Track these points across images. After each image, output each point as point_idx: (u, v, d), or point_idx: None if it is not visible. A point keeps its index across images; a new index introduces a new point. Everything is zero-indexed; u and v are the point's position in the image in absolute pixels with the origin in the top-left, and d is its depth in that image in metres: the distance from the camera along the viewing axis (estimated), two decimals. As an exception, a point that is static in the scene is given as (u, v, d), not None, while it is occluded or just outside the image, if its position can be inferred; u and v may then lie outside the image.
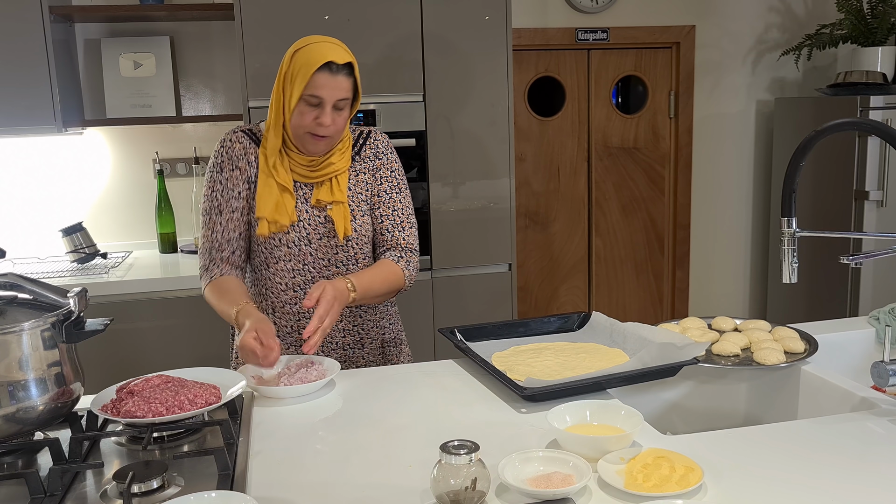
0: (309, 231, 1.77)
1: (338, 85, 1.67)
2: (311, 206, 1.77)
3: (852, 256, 1.47)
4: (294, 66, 1.67)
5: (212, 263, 1.76)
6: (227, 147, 1.78)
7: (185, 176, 3.33)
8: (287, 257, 1.77)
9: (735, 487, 1.09)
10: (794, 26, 4.00)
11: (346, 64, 1.68)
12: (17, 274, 1.33)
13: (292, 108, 1.68)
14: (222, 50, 3.29)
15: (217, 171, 1.78)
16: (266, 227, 1.73)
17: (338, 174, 1.77)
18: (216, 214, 1.76)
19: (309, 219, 1.76)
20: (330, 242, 1.78)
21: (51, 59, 2.82)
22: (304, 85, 1.65)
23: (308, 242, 1.77)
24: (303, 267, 1.78)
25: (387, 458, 1.22)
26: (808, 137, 1.45)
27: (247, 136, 1.79)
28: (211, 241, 1.76)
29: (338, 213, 1.76)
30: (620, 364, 1.50)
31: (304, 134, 1.70)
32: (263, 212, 1.72)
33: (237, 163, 1.77)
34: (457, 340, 1.68)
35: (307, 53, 1.66)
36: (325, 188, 1.76)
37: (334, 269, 1.80)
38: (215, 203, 1.77)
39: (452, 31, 2.87)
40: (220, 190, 1.77)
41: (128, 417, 1.28)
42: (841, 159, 3.46)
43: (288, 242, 1.76)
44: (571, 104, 3.87)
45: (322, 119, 1.67)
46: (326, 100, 1.67)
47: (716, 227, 4.13)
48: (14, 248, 3.19)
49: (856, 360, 1.76)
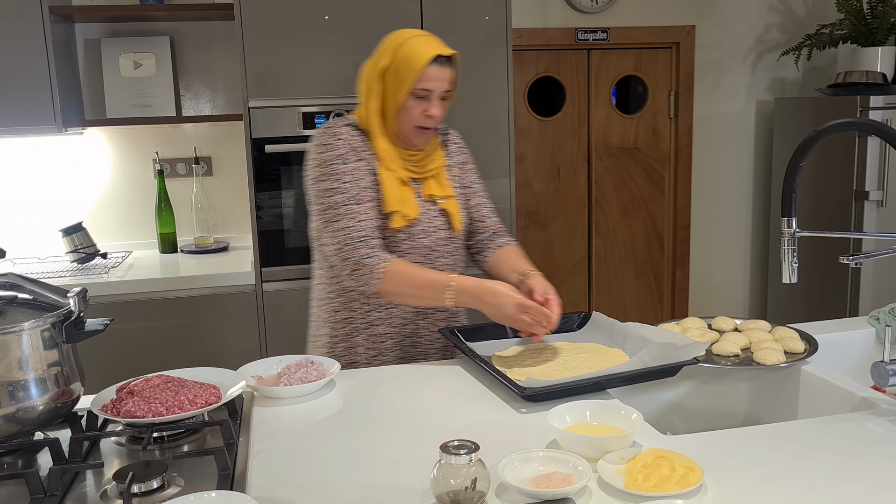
0: (426, 224, 1.79)
1: (445, 77, 1.71)
2: (423, 199, 1.79)
3: (852, 256, 1.47)
4: (400, 61, 1.69)
5: (372, 251, 1.68)
6: (345, 138, 1.75)
7: (185, 176, 3.33)
8: (410, 250, 1.78)
9: (735, 487, 1.09)
10: (794, 26, 4.00)
11: (452, 55, 1.72)
12: (17, 274, 1.33)
13: (400, 103, 1.70)
14: (222, 50, 3.30)
15: (342, 163, 1.72)
16: (399, 219, 1.73)
17: (439, 169, 1.82)
18: (355, 204, 1.70)
19: (425, 212, 1.79)
20: (443, 235, 1.81)
21: (51, 59, 2.82)
22: (414, 79, 1.67)
23: (426, 235, 1.79)
24: (422, 259, 1.79)
25: (387, 458, 1.22)
26: (808, 137, 1.45)
27: (356, 129, 1.78)
28: (361, 231, 1.69)
29: (451, 206, 1.81)
30: (620, 364, 1.49)
31: (412, 128, 1.73)
32: (393, 205, 1.72)
33: (360, 154, 1.75)
34: (457, 340, 1.68)
35: (413, 48, 1.68)
36: (433, 183, 1.80)
37: (444, 260, 1.83)
38: (349, 194, 1.70)
39: (452, 31, 2.87)
40: (352, 180, 1.72)
41: (128, 417, 1.28)
42: (841, 159, 3.46)
43: (412, 235, 1.77)
44: (571, 104, 3.87)
45: (431, 111, 1.71)
46: (435, 92, 1.70)
47: (716, 227, 4.13)
48: (14, 248, 3.19)
49: (856, 360, 1.76)
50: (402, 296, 1.69)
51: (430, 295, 1.66)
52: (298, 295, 2.89)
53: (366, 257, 1.67)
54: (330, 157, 1.72)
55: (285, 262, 2.88)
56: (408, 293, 1.67)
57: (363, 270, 1.67)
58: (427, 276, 1.66)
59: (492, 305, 1.60)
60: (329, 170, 1.72)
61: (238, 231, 3.43)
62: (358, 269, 1.67)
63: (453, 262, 1.85)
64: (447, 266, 1.83)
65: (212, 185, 3.36)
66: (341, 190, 1.70)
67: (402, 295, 1.68)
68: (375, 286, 1.67)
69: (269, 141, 2.81)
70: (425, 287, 1.65)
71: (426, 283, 1.65)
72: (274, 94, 2.79)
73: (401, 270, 1.66)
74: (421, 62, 1.66)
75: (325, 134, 1.76)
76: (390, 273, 1.66)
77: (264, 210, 2.85)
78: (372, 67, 1.74)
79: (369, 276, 1.66)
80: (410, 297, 1.69)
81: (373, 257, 1.67)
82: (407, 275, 1.66)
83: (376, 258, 1.67)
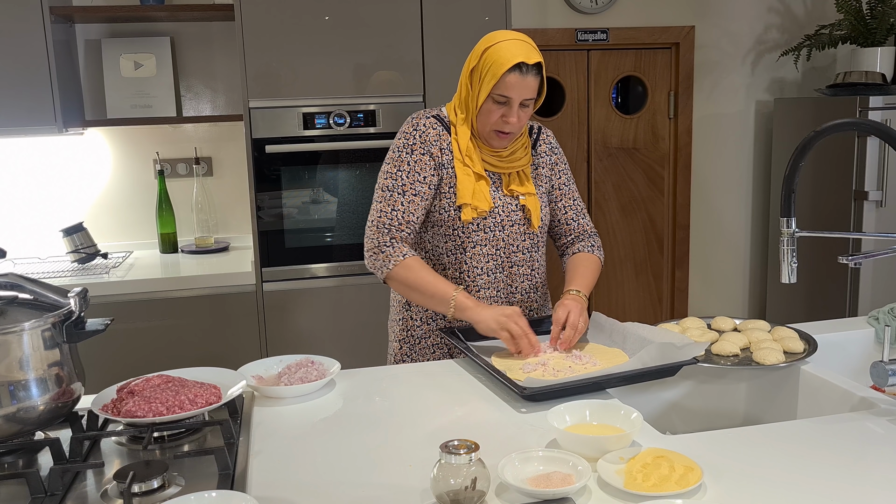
0: (503, 218, 1.82)
1: (526, 85, 1.70)
2: (503, 194, 1.82)
3: (852, 256, 1.48)
4: (484, 64, 1.71)
5: (392, 241, 1.74)
6: (420, 130, 1.79)
7: (185, 176, 3.33)
8: (483, 242, 1.81)
9: (734, 487, 1.10)
10: (793, 27, 4.00)
11: (536, 64, 1.71)
12: (17, 274, 1.33)
13: (479, 105, 1.73)
14: (222, 50, 3.30)
15: (407, 152, 1.78)
16: (469, 212, 1.76)
17: (524, 168, 1.83)
18: (398, 194, 1.75)
19: (503, 206, 1.82)
20: (519, 230, 1.85)
21: (51, 59, 2.82)
22: (493, 84, 1.69)
23: (502, 229, 1.82)
24: (496, 252, 1.83)
25: (387, 458, 1.22)
26: (808, 138, 1.45)
27: (439, 122, 1.81)
28: (390, 219, 1.75)
29: (532, 203, 1.84)
30: (620, 364, 1.50)
31: (490, 131, 1.75)
32: (465, 198, 1.76)
33: (429, 148, 1.78)
34: (457, 340, 1.69)
35: (498, 52, 1.69)
36: (515, 179, 1.83)
37: (521, 255, 1.87)
38: (399, 182, 1.76)
39: (452, 31, 2.88)
40: (407, 171, 1.77)
41: (128, 417, 1.28)
42: (840, 159, 3.46)
43: (485, 228, 1.81)
44: (571, 104, 3.87)
45: (509, 118, 1.72)
46: (514, 99, 1.71)
47: (715, 227, 4.13)
48: (15, 248, 3.19)
49: (855, 360, 1.77)
50: (406, 292, 1.75)
51: (432, 303, 1.72)
52: (298, 295, 2.89)
53: (386, 245, 1.73)
54: (401, 145, 1.79)
55: (285, 263, 2.89)
56: (412, 293, 1.74)
57: (379, 256, 1.74)
58: (435, 284, 1.70)
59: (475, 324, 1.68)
60: (395, 155, 1.79)
61: (238, 231, 3.43)
62: (374, 253, 1.75)
63: (529, 259, 1.89)
64: (522, 261, 1.87)
65: (212, 185, 3.36)
66: (394, 176, 1.77)
67: (407, 292, 1.74)
68: (385, 274, 1.74)
69: (270, 141, 2.81)
70: (431, 290, 1.71)
71: (431, 292, 1.71)
72: (274, 94, 2.79)
73: (413, 267, 1.72)
74: (502, 68, 1.67)
75: (408, 123, 1.82)
76: (403, 267, 1.71)
77: (264, 210, 2.85)
78: (466, 64, 1.77)
79: (383, 263, 1.73)
80: (414, 297, 1.75)
81: (393, 247, 1.73)
82: (416, 276, 1.71)
83: (395, 249, 1.73)
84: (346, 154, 2.89)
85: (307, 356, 1.63)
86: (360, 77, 2.85)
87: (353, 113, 2.86)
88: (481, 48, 1.73)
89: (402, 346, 1.89)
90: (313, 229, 2.90)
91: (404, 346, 1.88)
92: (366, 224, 1.80)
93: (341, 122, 2.86)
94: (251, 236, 3.02)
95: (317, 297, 2.91)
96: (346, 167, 2.89)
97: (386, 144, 2.87)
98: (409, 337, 1.87)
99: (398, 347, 1.90)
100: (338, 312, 2.93)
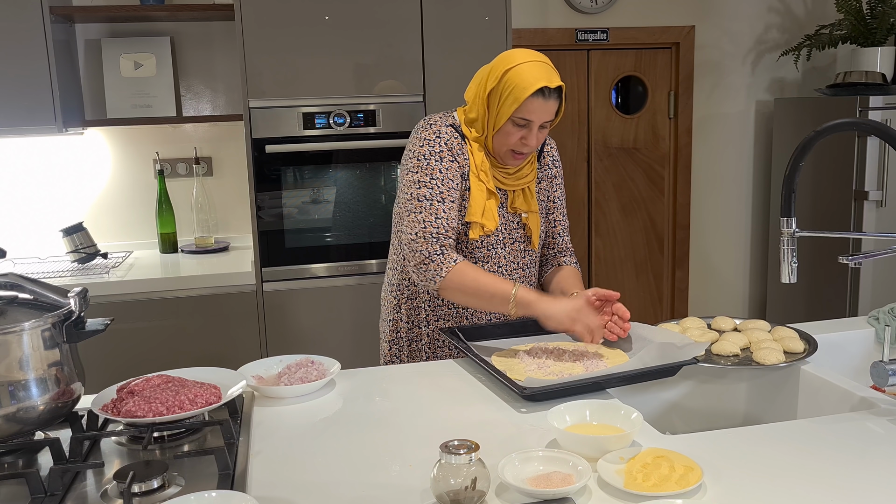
0: (504, 235, 1.82)
1: (548, 109, 1.69)
2: (507, 211, 1.82)
3: (852, 256, 1.48)
4: (505, 87, 1.68)
5: (442, 249, 1.71)
6: (444, 138, 1.77)
7: (185, 176, 3.33)
8: (485, 258, 1.81)
9: (734, 487, 1.09)
10: (793, 27, 4.00)
11: (557, 87, 1.69)
12: (17, 274, 1.33)
13: (498, 127, 1.71)
14: (222, 50, 3.30)
15: (436, 160, 1.75)
16: (477, 230, 1.76)
17: (529, 184, 1.83)
18: (438, 202, 1.73)
19: (505, 224, 1.82)
20: (520, 247, 1.85)
21: (51, 59, 2.82)
22: (515, 107, 1.67)
23: (503, 246, 1.83)
24: (497, 269, 1.83)
25: (387, 458, 1.22)
26: (808, 138, 1.45)
27: (456, 131, 1.79)
28: (437, 228, 1.71)
29: (533, 221, 1.84)
30: (620, 364, 1.50)
31: (507, 151, 1.74)
32: (475, 216, 1.75)
33: (456, 156, 1.77)
34: (457, 340, 1.69)
35: (520, 75, 1.66)
36: (520, 196, 1.82)
37: (521, 271, 1.87)
38: (437, 190, 1.73)
39: (452, 31, 2.88)
40: (441, 178, 1.74)
41: (128, 417, 1.28)
42: (841, 159, 3.46)
43: (488, 245, 1.81)
44: (571, 104, 3.87)
45: (528, 140, 1.71)
46: (535, 122, 1.69)
47: (715, 228, 4.13)
48: (14, 248, 3.20)
49: (855, 359, 1.77)
50: (463, 298, 1.71)
51: (491, 305, 1.68)
52: (298, 295, 2.89)
53: (435, 254, 1.70)
54: (427, 152, 1.75)
55: (285, 263, 2.89)
56: (469, 297, 1.70)
57: (430, 266, 1.70)
58: (492, 284, 1.67)
59: (544, 318, 1.66)
60: (422, 163, 1.75)
61: (238, 231, 3.43)
62: (425, 264, 1.70)
63: (528, 275, 1.88)
64: (521, 277, 1.87)
65: (212, 185, 3.36)
66: (429, 185, 1.73)
67: (464, 297, 1.70)
68: (439, 284, 1.69)
69: (270, 141, 2.81)
70: (488, 296, 1.67)
71: (490, 293, 1.66)
72: (274, 94, 2.79)
73: (466, 271, 1.68)
74: (526, 93, 1.65)
75: (426, 129, 1.78)
76: (456, 273, 1.68)
77: (265, 210, 2.85)
78: (481, 82, 1.74)
79: (435, 272, 1.69)
80: (472, 301, 1.71)
81: (442, 255, 1.69)
82: (473, 279, 1.68)
83: (445, 256, 1.69)
84: (346, 154, 2.89)
85: (307, 356, 1.63)
86: (361, 77, 2.85)
87: (353, 113, 2.86)
88: (500, 69, 1.69)
89: (391, 347, 1.89)
90: (313, 229, 2.90)
91: (393, 346, 1.89)
92: (404, 238, 1.75)
93: (341, 122, 2.86)
94: (251, 236, 3.02)
95: (317, 297, 2.91)
96: (347, 167, 2.89)
97: (386, 144, 2.87)
98: (398, 338, 1.88)
99: (387, 348, 1.90)
100: (338, 312, 2.93)
